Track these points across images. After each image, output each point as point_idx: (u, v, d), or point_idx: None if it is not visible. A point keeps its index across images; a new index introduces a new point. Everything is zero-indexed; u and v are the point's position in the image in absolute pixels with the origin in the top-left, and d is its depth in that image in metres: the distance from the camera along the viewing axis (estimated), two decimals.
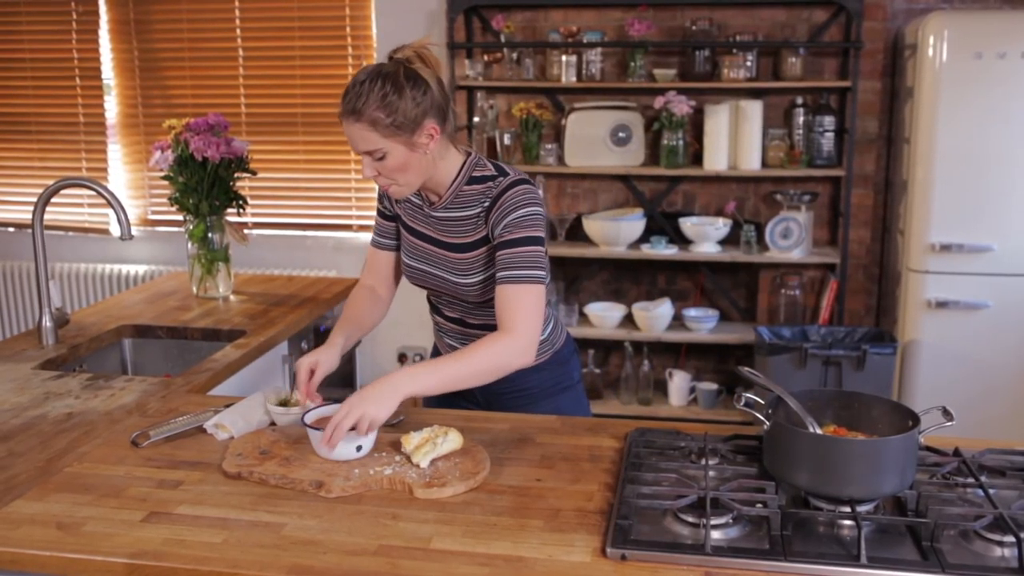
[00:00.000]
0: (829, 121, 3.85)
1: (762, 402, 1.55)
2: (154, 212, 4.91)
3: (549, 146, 4.04)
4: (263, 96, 4.64)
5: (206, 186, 2.82)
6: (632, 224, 3.94)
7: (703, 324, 4.02)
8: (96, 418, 1.88)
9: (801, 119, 3.87)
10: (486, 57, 4.02)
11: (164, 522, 1.43)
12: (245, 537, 1.39)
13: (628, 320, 4.12)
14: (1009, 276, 3.49)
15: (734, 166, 3.90)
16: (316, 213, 4.73)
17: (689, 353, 4.36)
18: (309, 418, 1.67)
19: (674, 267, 4.28)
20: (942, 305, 3.58)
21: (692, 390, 4.12)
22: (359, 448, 1.63)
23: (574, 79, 3.92)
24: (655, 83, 3.90)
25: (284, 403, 1.83)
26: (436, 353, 2.15)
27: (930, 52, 3.44)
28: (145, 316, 2.70)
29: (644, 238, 4.04)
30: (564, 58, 3.90)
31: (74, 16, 4.71)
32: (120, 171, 4.84)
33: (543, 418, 1.90)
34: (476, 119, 4.18)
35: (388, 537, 1.39)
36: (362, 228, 4.71)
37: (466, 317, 1.97)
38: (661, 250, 3.95)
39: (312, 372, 1.80)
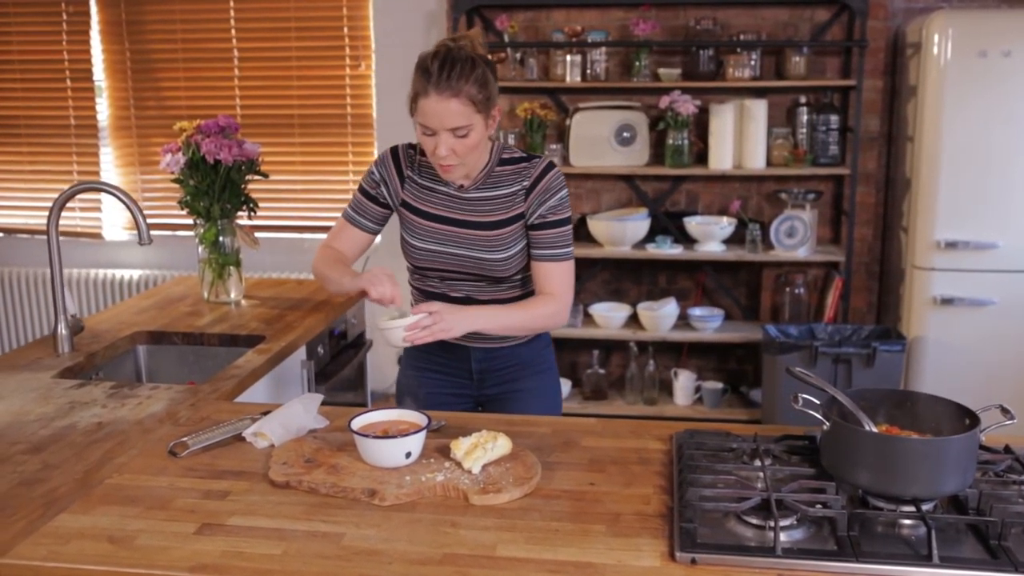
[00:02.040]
0: (832, 120, 3.86)
1: (817, 402, 1.54)
2: (148, 216, 4.82)
3: (553, 146, 4.03)
4: (259, 98, 4.59)
5: (217, 189, 2.77)
6: (637, 224, 3.94)
7: (708, 323, 4.02)
8: (127, 427, 1.84)
9: (804, 118, 3.89)
10: (490, 57, 3.99)
11: (218, 534, 1.40)
12: (305, 548, 1.36)
13: (632, 320, 4.11)
14: (1014, 273, 3.52)
15: (739, 165, 3.90)
16: (313, 215, 4.68)
17: (690, 352, 4.36)
18: (356, 424, 1.64)
19: (675, 266, 4.28)
20: (947, 302, 3.60)
21: (697, 389, 4.12)
22: (408, 454, 1.60)
23: (578, 79, 3.91)
24: (659, 83, 3.89)
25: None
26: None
27: (935, 50, 3.46)
28: (158, 322, 2.65)
29: (648, 238, 4.03)
30: (568, 58, 3.89)
31: (64, 17, 4.63)
32: (112, 174, 4.77)
33: (583, 420, 1.88)
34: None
35: (451, 545, 1.37)
36: None
37: (476, 295, 2.04)
38: (666, 250, 3.95)
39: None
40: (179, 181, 2.79)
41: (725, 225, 3.94)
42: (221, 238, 2.82)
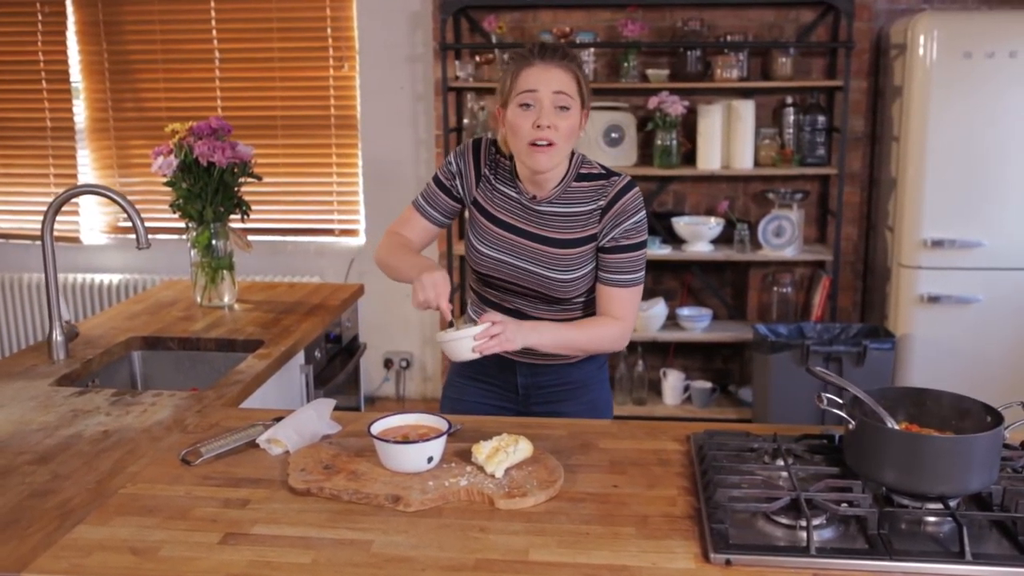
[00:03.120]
0: (819, 120, 3.89)
1: (841, 401, 1.55)
2: (124, 219, 4.76)
3: None
4: (241, 99, 4.54)
5: (210, 192, 2.73)
6: None
7: (697, 323, 4.03)
8: (135, 435, 1.80)
9: (791, 118, 3.92)
10: (477, 58, 3.98)
11: (243, 543, 1.37)
12: (334, 556, 1.33)
13: None
14: (999, 271, 3.57)
15: (727, 165, 3.92)
16: (297, 218, 4.64)
17: (676, 353, 4.37)
18: (375, 429, 1.62)
19: (661, 267, 4.29)
20: (934, 300, 3.65)
21: (686, 389, 4.14)
22: (430, 459, 1.58)
23: None
24: (648, 83, 3.90)
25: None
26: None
27: (920, 51, 3.50)
28: (151, 328, 2.60)
29: None
30: None
31: (40, 17, 4.55)
32: (90, 177, 4.69)
33: (598, 422, 1.88)
34: (466, 121, 4.14)
35: (483, 551, 1.35)
36: (344, 232, 4.64)
37: (528, 311, 1.97)
38: (656, 250, 3.96)
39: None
40: (171, 184, 2.74)
41: (713, 225, 3.96)
42: (214, 241, 2.78)
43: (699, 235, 3.95)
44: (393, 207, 4.47)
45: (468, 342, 1.77)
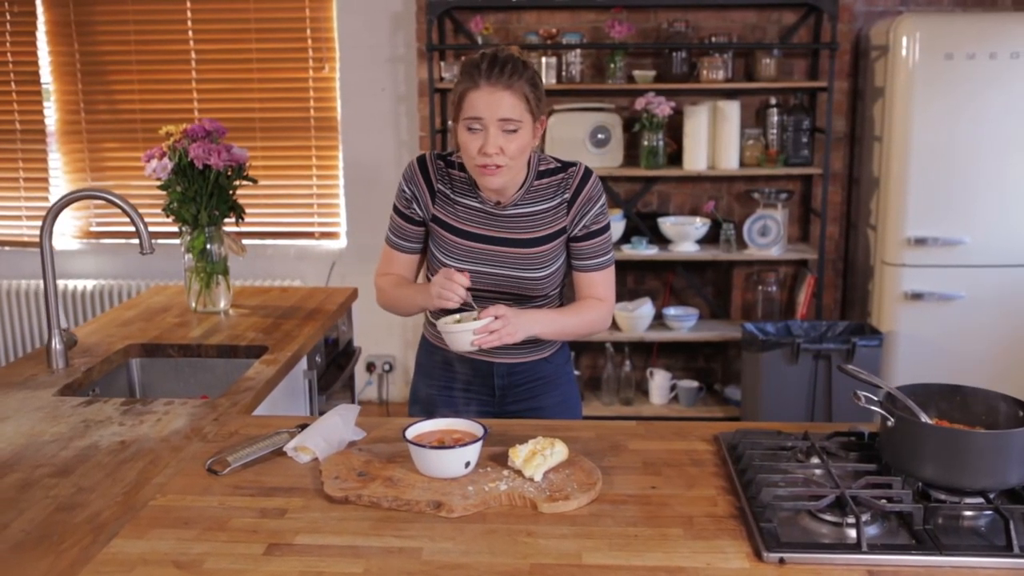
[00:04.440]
0: (802, 120, 3.94)
1: (876, 399, 1.56)
2: (98, 224, 4.66)
3: None
4: (218, 101, 4.47)
5: (205, 196, 2.68)
6: (613, 225, 3.95)
7: (684, 323, 4.06)
8: (154, 445, 1.76)
9: (775, 119, 3.96)
10: (463, 59, 3.96)
11: (289, 554, 1.34)
12: (386, 565, 1.31)
13: None
14: (981, 267, 3.64)
15: (713, 166, 3.95)
16: (277, 221, 4.57)
17: (660, 352, 4.39)
18: (411, 433, 1.60)
19: (644, 267, 4.31)
20: (917, 297, 3.71)
21: (672, 388, 4.16)
22: (467, 464, 1.56)
23: (554, 81, 3.91)
24: (634, 84, 3.92)
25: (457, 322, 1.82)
26: (425, 355, 2.13)
27: (903, 53, 3.56)
28: (148, 335, 2.54)
29: (623, 239, 4.05)
30: (544, 60, 3.88)
31: (8, 17, 4.43)
32: (61, 181, 4.58)
33: (624, 424, 1.87)
34: (450, 122, 4.12)
35: (535, 556, 1.34)
36: (324, 235, 4.59)
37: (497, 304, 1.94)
38: (642, 250, 3.97)
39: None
40: (165, 187, 2.68)
41: (699, 225, 3.98)
42: (209, 246, 2.73)
43: (685, 235, 3.97)
44: (374, 209, 4.47)
45: (468, 335, 1.77)
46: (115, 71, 4.46)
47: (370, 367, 4.61)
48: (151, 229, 2.82)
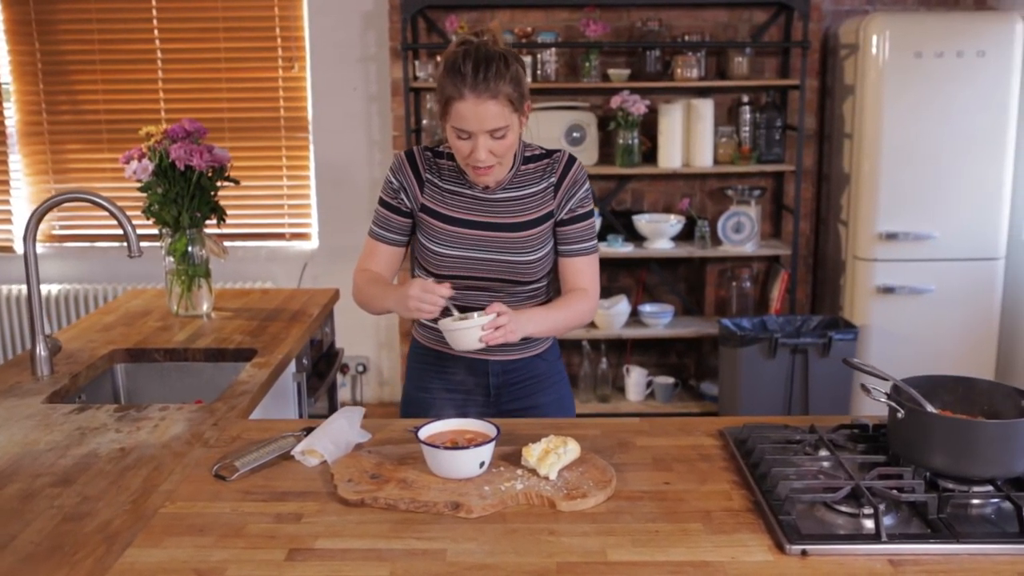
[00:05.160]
0: (774, 118, 3.99)
1: (884, 391, 1.58)
2: (61, 228, 4.55)
3: None
4: (185, 101, 4.39)
5: (187, 197, 2.63)
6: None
7: (659, 319, 4.09)
8: (155, 452, 1.72)
9: (748, 116, 4.00)
10: (439, 58, 3.94)
11: (312, 559, 1.33)
12: (412, 567, 1.30)
13: None
14: (950, 261, 3.72)
15: (687, 163, 3.98)
16: (247, 223, 4.51)
17: (634, 349, 4.42)
18: (422, 434, 1.59)
19: (618, 264, 4.34)
20: (888, 291, 3.78)
21: (649, 384, 4.19)
22: (482, 464, 1.56)
23: (529, 80, 3.89)
24: (610, 83, 3.93)
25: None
26: (416, 359, 2.13)
27: (873, 51, 3.62)
28: (132, 339, 2.49)
29: (599, 236, 4.06)
30: None
31: None
32: (22, 183, 4.47)
33: (629, 421, 1.88)
34: (424, 121, 4.10)
35: (560, 554, 1.34)
36: (295, 236, 4.54)
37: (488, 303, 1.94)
38: (618, 248, 3.99)
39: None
40: (146, 189, 2.63)
41: (674, 223, 4.01)
42: (190, 248, 2.68)
43: (660, 232, 4.00)
44: (346, 209, 4.44)
45: (476, 332, 1.76)
46: (78, 71, 4.37)
47: (343, 368, 4.57)
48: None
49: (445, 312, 1.82)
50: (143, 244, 2.18)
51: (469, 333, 1.75)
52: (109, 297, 4.37)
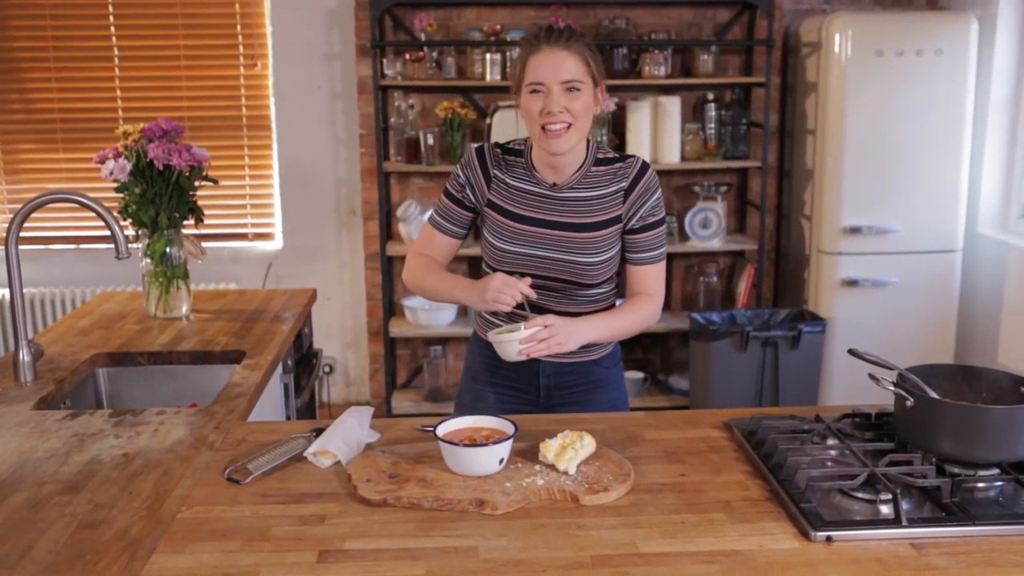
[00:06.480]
0: (739, 115, 4.06)
1: (889, 380, 1.63)
2: (23, 228, 4.40)
3: (474, 145, 4.00)
4: (144, 99, 4.30)
5: (165, 197, 2.58)
6: None
7: None
8: (160, 457, 1.68)
9: (713, 114, 4.06)
10: (407, 56, 3.92)
11: (344, 560, 1.31)
12: (447, 565, 1.30)
13: None
14: (912, 254, 3.83)
15: (655, 160, 4.03)
16: (209, 223, 4.40)
17: None
18: (441, 431, 1.59)
19: None
20: (852, 283, 3.87)
21: None
22: (501, 461, 1.56)
23: (498, 77, 3.91)
24: None
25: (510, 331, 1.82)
26: (474, 353, 2.12)
27: (836, 49, 3.70)
28: (113, 343, 2.43)
29: None
30: (488, 56, 3.88)
31: None
32: None
33: (635, 415, 1.90)
34: (392, 119, 4.08)
35: (593, 547, 1.35)
36: (258, 237, 4.47)
37: (552, 305, 1.96)
38: None
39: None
40: (122, 189, 2.57)
41: None
42: (168, 249, 2.63)
43: None
44: (311, 208, 4.39)
45: (515, 345, 1.76)
46: (30, 68, 4.24)
47: (328, 369, 4.52)
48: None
49: (519, 307, 1.84)
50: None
51: (509, 346, 1.77)
52: (67, 300, 4.26)
